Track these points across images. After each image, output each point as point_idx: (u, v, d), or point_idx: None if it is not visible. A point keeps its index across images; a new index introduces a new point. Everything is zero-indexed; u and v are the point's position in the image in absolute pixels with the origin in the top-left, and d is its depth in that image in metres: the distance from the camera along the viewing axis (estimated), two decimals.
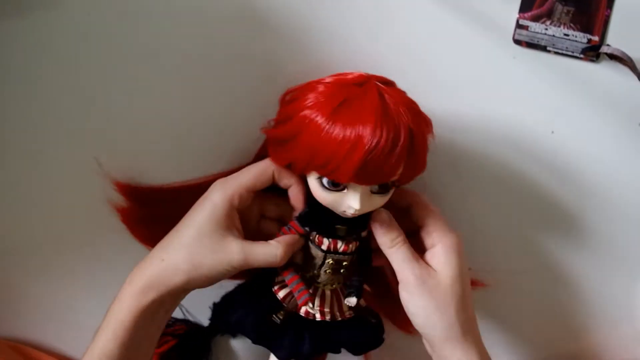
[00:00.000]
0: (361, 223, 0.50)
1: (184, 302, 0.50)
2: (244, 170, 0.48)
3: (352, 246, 0.50)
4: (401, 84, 0.52)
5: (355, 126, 0.41)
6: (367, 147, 0.41)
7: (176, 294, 0.47)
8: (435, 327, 0.47)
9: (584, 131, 0.55)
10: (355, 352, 0.54)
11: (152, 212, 0.55)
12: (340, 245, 0.49)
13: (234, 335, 0.59)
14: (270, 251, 0.46)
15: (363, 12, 0.53)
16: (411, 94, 0.45)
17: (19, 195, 0.55)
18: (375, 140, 0.41)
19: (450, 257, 0.47)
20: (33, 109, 0.52)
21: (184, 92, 0.53)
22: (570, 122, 0.55)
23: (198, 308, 0.58)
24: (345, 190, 0.45)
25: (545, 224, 0.59)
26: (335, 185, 0.45)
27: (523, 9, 0.53)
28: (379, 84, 0.45)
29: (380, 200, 0.47)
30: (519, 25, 0.53)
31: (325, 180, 0.45)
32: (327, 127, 0.42)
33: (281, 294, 0.51)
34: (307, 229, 0.50)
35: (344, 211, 0.46)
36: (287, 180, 0.49)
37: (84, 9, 0.50)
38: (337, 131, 0.41)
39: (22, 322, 0.59)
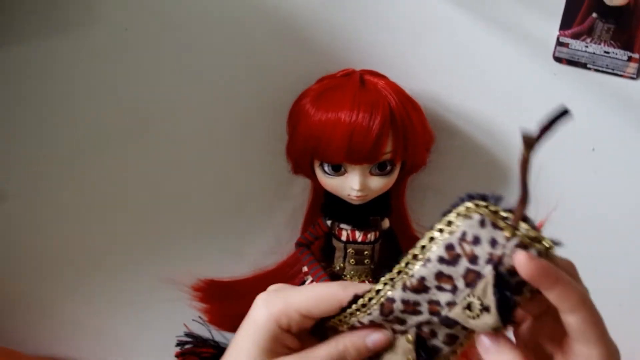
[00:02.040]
0: (376, 210, 0.51)
1: None
2: (301, 288, 0.37)
3: (370, 236, 0.52)
4: (439, 98, 0.52)
5: (336, 108, 0.45)
6: (345, 125, 0.44)
7: None
8: None
9: (624, 148, 0.55)
10: None
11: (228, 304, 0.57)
12: (359, 235, 0.51)
13: None
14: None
15: (401, 25, 0.53)
16: (448, 108, 0.45)
17: (55, 216, 0.55)
18: (352, 118, 0.44)
19: None
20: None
21: None
22: (611, 139, 0.55)
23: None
24: (345, 174, 0.48)
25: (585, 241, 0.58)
26: (336, 170, 0.48)
27: (563, 26, 0.53)
28: (366, 73, 0.49)
29: (381, 182, 0.48)
30: (559, 43, 0.53)
31: (326, 166, 0.48)
32: (314, 112, 0.46)
33: None
34: (328, 223, 0.52)
35: (349, 195, 0.48)
36: None
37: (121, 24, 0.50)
38: (321, 114, 0.45)
39: (61, 341, 0.59)
